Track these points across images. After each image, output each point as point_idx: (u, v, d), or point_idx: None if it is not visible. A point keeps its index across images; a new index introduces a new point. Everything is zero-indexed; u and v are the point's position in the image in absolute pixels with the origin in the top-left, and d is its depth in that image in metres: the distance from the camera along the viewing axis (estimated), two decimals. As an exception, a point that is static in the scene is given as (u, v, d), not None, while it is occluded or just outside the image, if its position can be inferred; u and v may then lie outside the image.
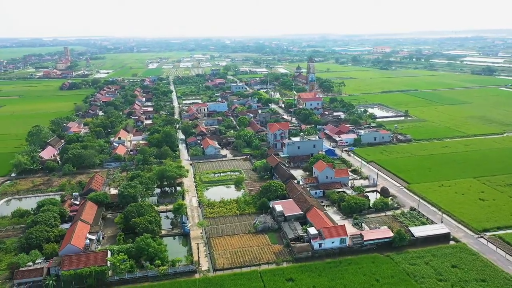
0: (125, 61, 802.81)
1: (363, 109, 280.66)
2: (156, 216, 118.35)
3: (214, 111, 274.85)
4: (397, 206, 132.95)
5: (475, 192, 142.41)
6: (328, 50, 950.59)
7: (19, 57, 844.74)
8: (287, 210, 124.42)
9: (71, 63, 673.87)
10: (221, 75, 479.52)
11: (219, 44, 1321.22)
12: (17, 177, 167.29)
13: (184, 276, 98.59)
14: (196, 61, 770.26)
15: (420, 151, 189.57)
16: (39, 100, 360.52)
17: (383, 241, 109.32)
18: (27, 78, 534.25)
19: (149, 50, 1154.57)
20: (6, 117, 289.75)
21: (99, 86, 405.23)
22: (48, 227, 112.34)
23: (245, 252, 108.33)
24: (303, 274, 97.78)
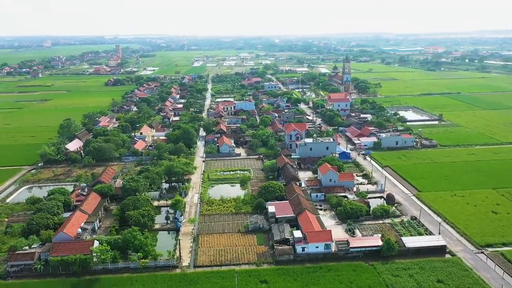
0: (173, 58, 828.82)
1: (394, 111, 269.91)
2: (150, 210, 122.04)
3: (241, 109, 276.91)
4: (399, 214, 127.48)
5: (489, 204, 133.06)
6: (377, 50, 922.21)
7: (78, 54, 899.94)
8: (280, 212, 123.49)
9: (122, 60, 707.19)
10: (259, 74, 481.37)
11: (268, 43, 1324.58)
12: (42, 166, 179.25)
13: (164, 270, 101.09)
14: (240, 59, 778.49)
15: (442, 158, 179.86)
16: (84, 95, 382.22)
17: (370, 249, 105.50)
18: (79, 74, 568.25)
19: (199, 48, 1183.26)
20: (50, 110, 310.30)
21: (140, 83, 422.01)
22: (50, 214, 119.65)
23: (229, 251, 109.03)
24: (279, 277, 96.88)
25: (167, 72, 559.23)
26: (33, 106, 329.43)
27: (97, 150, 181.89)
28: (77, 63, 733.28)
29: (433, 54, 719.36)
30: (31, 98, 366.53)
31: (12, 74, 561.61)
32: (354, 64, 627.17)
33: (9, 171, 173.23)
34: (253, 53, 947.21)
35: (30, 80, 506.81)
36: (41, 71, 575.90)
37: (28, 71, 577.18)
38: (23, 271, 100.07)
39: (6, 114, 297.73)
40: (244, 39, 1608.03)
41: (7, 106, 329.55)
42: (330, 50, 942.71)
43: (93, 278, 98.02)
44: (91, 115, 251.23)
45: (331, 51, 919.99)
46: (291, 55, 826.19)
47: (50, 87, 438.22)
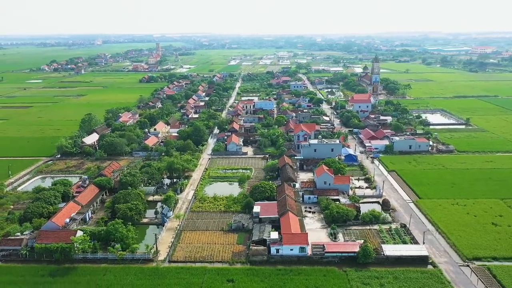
0: (212, 57, 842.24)
1: (417, 114, 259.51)
2: (139, 204, 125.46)
3: (261, 108, 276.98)
4: (389, 220, 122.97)
5: (491, 215, 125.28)
6: (421, 49, 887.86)
7: (123, 51, 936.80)
8: (264, 212, 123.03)
9: (161, 58, 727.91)
10: (290, 73, 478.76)
11: (309, 42, 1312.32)
12: (58, 158, 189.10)
13: (139, 263, 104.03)
14: (276, 58, 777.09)
15: (455, 164, 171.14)
16: (117, 91, 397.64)
17: (347, 255, 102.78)
18: (118, 71, 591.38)
19: (239, 47, 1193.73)
20: (82, 105, 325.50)
21: (171, 80, 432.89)
22: (47, 204, 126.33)
23: (206, 249, 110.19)
24: (247, 277, 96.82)
25: (201, 70, 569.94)
26: (68, 101, 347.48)
27: (109, 144, 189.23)
28: (120, 60, 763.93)
29: (479, 55, 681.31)
30: (68, 93, 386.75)
31: (58, 70, 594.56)
32: (392, 64, 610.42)
33: (28, 161, 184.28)
34: (292, 52, 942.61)
35: (73, 76, 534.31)
36: (84, 68, 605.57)
37: (73, 67, 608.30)
38: (11, 255, 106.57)
39: (42, 107, 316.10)
40: (286, 38, 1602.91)
41: (46, 100, 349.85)
42: (371, 49, 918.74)
43: (72, 266, 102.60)
44: (113, 111, 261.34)
45: (372, 50, 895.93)
46: (330, 54, 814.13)
47: (88, 83, 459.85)
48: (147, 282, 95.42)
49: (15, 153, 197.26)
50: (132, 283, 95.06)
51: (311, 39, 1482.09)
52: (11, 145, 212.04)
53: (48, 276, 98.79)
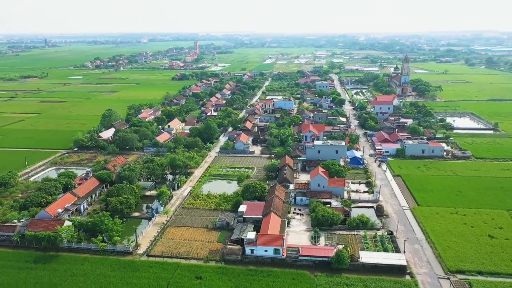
0: (249, 55, 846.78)
1: (441, 117, 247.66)
2: (130, 198, 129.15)
3: (280, 108, 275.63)
4: (378, 227, 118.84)
5: (491, 226, 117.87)
6: (467, 49, 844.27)
7: (164, 49, 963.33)
8: (249, 212, 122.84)
9: (198, 56, 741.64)
10: (321, 72, 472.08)
11: (350, 41, 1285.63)
12: (75, 151, 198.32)
13: (119, 255, 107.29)
14: (313, 57, 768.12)
15: (467, 171, 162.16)
16: (149, 88, 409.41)
17: (321, 259, 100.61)
18: (155, 68, 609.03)
19: (279, 46, 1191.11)
20: (112, 100, 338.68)
21: (201, 78, 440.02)
22: (47, 194, 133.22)
23: (186, 245, 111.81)
24: (216, 276, 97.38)
25: (234, 69, 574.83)
26: (100, 97, 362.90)
27: (122, 139, 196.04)
28: (159, 58, 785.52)
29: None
30: (103, 89, 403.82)
31: (100, 67, 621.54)
32: (431, 65, 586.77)
33: (46, 153, 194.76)
34: (331, 51, 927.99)
35: (111, 73, 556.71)
36: (124, 65, 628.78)
37: (113, 64, 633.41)
38: (5, 241, 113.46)
39: (75, 102, 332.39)
40: (329, 37, 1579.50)
41: (80, 95, 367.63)
42: (414, 49, 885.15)
43: (56, 254, 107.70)
44: (135, 107, 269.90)
45: (414, 50, 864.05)
46: (369, 54, 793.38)
47: (124, 80, 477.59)
48: (119, 274, 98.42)
49: (37, 145, 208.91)
50: (105, 274, 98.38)
51: (353, 38, 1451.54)
52: (36, 137, 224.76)
53: (32, 262, 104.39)
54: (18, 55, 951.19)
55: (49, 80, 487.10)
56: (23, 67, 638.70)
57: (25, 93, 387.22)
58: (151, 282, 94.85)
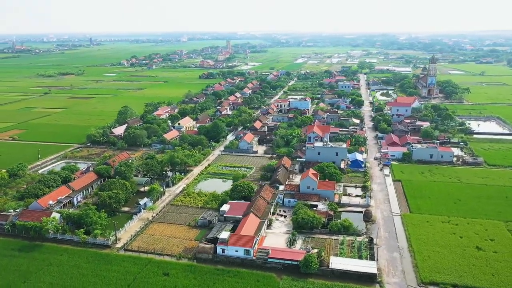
0: (282, 55, 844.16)
1: (462, 121, 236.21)
2: (119, 193, 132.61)
3: (296, 108, 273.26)
4: (360, 232, 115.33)
5: (482, 237, 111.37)
6: None
7: (200, 48, 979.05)
8: (231, 211, 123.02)
9: (230, 55, 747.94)
10: (348, 72, 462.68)
11: (389, 40, 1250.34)
12: (87, 146, 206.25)
13: (98, 248, 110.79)
14: (346, 57, 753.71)
15: (474, 178, 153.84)
16: (175, 85, 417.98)
17: (290, 263, 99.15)
18: (186, 67, 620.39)
19: (314, 45, 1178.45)
20: (136, 97, 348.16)
21: (227, 77, 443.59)
22: (45, 186, 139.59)
23: (164, 241, 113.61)
24: (183, 273, 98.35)
25: (263, 68, 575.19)
26: (126, 94, 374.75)
27: (131, 135, 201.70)
28: (193, 56, 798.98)
29: None
30: (130, 87, 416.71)
31: (134, 65, 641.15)
32: (469, 66, 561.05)
33: (60, 147, 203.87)
34: (367, 50, 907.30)
35: (144, 71, 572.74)
36: (157, 64, 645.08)
37: (147, 62, 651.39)
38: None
39: (101, 99, 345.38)
40: (367, 36, 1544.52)
41: (108, 92, 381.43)
42: (455, 49, 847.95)
43: (40, 244, 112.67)
44: (153, 104, 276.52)
45: (455, 50, 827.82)
46: (405, 54, 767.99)
47: (153, 78, 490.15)
48: (91, 266, 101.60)
49: (55, 138, 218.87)
50: (78, 265, 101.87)
51: (393, 38, 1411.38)
52: (56, 131, 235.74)
53: (17, 250, 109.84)
54: (64, 53, 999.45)
55: (84, 77, 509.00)
56: (64, 64, 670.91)
57: (58, 89, 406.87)
58: (119, 276, 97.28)
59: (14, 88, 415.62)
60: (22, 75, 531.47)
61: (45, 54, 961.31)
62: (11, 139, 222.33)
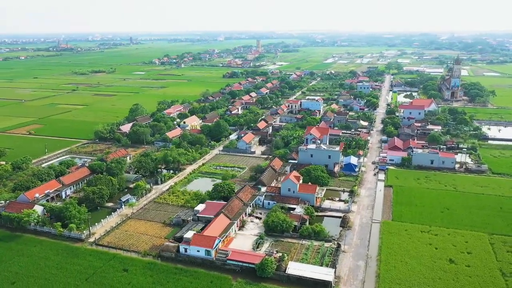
0: (313, 54, 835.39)
1: (479, 125, 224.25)
2: (103, 189, 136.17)
3: (307, 108, 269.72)
4: (329, 238, 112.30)
5: (459, 250, 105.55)
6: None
7: (232, 48, 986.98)
8: (205, 211, 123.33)
9: (260, 54, 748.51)
10: (374, 73, 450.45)
11: (429, 40, 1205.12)
12: (93, 142, 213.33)
13: (71, 241, 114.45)
14: (379, 57, 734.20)
15: (472, 187, 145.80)
16: (197, 84, 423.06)
17: (247, 265, 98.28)
18: (214, 66, 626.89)
19: (349, 45, 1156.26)
20: (156, 96, 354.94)
21: (250, 76, 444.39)
22: (38, 179, 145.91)
23: (135, 238, 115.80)
24: (142, 270, 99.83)
25: (290, 68, 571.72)
26: (148, 92, 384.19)
27: (135, 133, 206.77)
28: (224, 56, 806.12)
29: None
30: (154, 85, 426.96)
31: (164, 64, 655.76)
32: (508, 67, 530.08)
33: (68, 142, 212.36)
34: (402, 50, 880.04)
35: (172, 69, 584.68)
36: (186, 63, 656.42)
37: (176, 61, 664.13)
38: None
39: (122, 96, 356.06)
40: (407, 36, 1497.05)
41: (131, 90, 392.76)
42: (496, 49, 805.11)
43: (21, 234, 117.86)
44: (165, 102, 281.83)
45: (497, 50, 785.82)
46: (442, 54, 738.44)
47: (179, 76, 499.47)
48: (59, 258, 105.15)
49: (67, 134, 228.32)
50: (47, 257, 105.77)
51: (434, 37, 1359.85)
52: (71, 127, 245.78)
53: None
54: (103, 51, 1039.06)
55: (114, 75, 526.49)
56: (99, 62, 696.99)
57: (86, 86, 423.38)
58: (80, 269, 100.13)
59: (47, 84, 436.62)
60: (58, 72, 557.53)
61: (85, 52, 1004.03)
62: (28, 133, 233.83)
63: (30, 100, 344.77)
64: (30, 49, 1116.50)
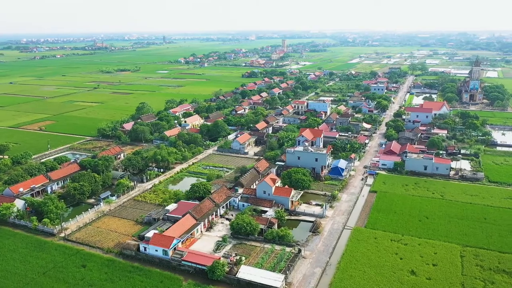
0: (340, 54, 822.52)
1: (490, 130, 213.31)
2: (85, 185, 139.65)
3: (314, 109, 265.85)
4: (292, 243, 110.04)
5: (423, 261, 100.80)
6: None
7: (260, 47, 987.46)
8: (175, 211, 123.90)
9: (284, 54, 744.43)
10: (395, 74, 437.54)
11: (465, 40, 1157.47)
12: (96, 139, 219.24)
13: (44, 235, 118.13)
14: (408, 57, 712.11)
15: (460, 195, 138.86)
16: (214, 84, 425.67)
17: (200, 267, 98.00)
18: (237, 65, 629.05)
19: (380, 44, 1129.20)
20: (171, 94, 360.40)
21: (267, 76, 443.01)
22: (28, 174, 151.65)
23: (104, 234, 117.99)
24: (99, 266, 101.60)
25: (312, 67, 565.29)
26: (164, 90, 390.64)
27: (134, 131, 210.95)
28: (249, 55, 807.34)
29: None
30: (172, 84, 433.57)
31: (189, 63, 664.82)
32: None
33: (73, 138, 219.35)
34: (434, 50, 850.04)
35: (195, 69, 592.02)
36: (210, 62, 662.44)
37: (200, 60, 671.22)
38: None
39: (138, 95, 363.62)
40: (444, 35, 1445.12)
41: (148, 88, 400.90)
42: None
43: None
44: (174, 101, 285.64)
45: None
46: (476, 54, 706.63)
47: (199, 76, 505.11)
48: (25, 251, 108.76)
49: (74, 130, 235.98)
50: (15, 250, 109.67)
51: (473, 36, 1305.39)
52: (81, 123, 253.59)
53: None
54: (135, 50, 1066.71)
55: (138, 73, 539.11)
56: (127, 61, 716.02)
57: (108, 84, 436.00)
58: (42, 263, 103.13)
59: (72, 82, 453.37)
60: (86, 70, 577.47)
61: (118, 51, 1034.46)
62: (39, 129, 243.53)
63: (52, 97, 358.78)
64: (68, 47, 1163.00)
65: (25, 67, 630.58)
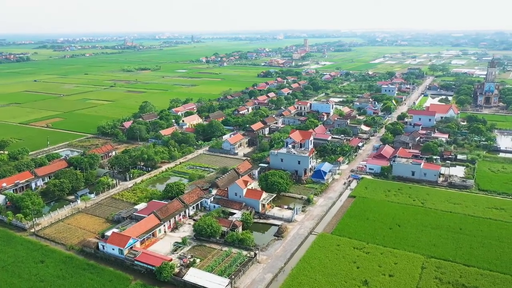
0: (365, 54, 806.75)
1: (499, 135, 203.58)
2: (65, 182, 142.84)
3: (317, 111, 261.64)
4: (250, 247, 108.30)
5: (380, 271, 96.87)
6: None
7: (284, 46, 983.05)
8: (143, 210, 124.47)
9: (306, 53, 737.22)
10: (414, 75, 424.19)
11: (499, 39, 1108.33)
12: (96, 136, 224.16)
13: (16, 230, 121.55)
14: (434, 57, 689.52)
15: (442, 203, 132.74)
16: (228, 83, 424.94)
17: (151, 268, 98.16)
18: (255, 64, 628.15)
19: (409, 44, 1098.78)
20: (182, 94, 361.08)
21: (281, 76, 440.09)
22: (16, 170, 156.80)
23: (72, 231, 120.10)
24: (55, 262, 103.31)
25: (331, 68, 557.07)
26: (176, 90, 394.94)
27: (131, 129, 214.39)
28: (271, 55, 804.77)
29: None
30: (186, 83, 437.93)
31: (209, 62, 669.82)
32: None
33: (73, 135, 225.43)
34: (464, 50, 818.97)
35: (214, 68, 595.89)
36: (230, 61, 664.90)
37: (220, 60, 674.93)
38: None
39: (150, 94, 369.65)
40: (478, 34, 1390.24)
41: (162, 87, 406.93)
42: None
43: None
44: (178, 100, 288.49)
45: None
46: (506, 55, 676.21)
47: (215, 75, 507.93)
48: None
49: (79, 128, 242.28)
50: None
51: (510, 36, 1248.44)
52: (87, 121, 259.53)
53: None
54: (162, 49, 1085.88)
55: (157, 72, 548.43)
56: (152, 60, 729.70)
57: (124, 83, 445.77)
58: (4, 257, 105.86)
59: (92, 80, 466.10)
60: (109, 69, 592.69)
61: (146, 50, 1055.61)
62: (46, 126, 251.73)
63: (68, 94, 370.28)
64: (99, 46, 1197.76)
65: (53, 66, 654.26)
